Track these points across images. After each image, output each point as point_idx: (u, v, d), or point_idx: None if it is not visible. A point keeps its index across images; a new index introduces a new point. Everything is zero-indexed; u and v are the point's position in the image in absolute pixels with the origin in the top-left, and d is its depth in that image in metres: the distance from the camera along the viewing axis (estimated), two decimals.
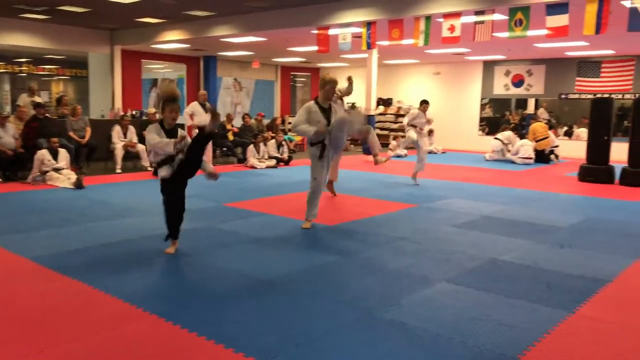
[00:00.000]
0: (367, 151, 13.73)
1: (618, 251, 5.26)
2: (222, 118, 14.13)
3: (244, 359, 2.92)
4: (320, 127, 5.63)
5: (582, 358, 3.01)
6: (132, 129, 11.09)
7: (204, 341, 3.12)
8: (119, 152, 10.70)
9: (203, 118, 11.01)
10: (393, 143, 15.44)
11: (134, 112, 14.03)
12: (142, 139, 11.21)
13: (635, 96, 14.07)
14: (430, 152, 16.00)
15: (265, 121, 15.16)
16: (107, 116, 14.23)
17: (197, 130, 11.36)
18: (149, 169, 10.62)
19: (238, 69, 19.44)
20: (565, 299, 3.93)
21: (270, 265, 4.63)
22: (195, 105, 11.27)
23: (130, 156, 11.09)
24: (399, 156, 14.86)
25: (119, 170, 10.54)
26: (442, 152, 16.04)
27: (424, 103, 9.68)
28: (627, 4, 7.48)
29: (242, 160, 12.29)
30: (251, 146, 11.97)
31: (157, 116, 12.52)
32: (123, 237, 5.50)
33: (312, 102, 5.87)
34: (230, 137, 13.09)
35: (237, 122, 14.71)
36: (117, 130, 10.93)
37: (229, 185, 9.08)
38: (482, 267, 4.67)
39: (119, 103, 15.17)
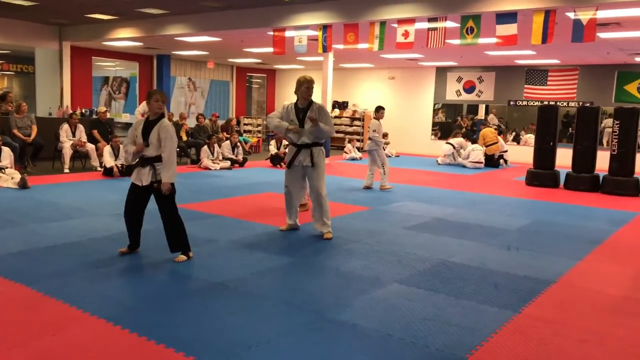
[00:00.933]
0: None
1: (562, 253, 5.47)
2: (175, 118, 13.93)
3: None
4: (291, 126, 5.61)
5: (527, 356, 3.11)
6: (81, 128, 10.77)
7: (153, 345, 3.06)
8: (67, 152, 10.37)
9: None
10: (348, 146, 15.57)
11: (83, 111, 13.63)
12: (91, 138, 10.92)
13: (579, 104, 14.69)
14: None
15: (220, 122, 15.01)
16: (55, 114, 13.76)
17: None
18: (99, 169, 10.34)
19: (192, 69, 19.17)
20: (511, 299, 4.05)
21: (223, 267, 4.58)
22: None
23: (79, 155, 10.77)
24: (353, 159, 14.99)
25: (67, 170, 10.21)
26: (396, 156, 16.27)
27: (381, 109, 9.46)
28: (571, 16, 7.80)
29: (196, 161, 12.12)
30: (205, 147, 11.82)
31: (108, 114, 12.21)
32: (70, 238, 5.33)
33: (291, 103, 5.81)
34: (184, 137, 12.89)
35: (191, 123, 14.52)
36: (65, 128, 10.59)
37: (181, 187, 8.86)
38: (433, 268, 4.76)
39: (67, 100, 14.69)
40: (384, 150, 9.63)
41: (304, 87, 5.58)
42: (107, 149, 9.95)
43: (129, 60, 17.62)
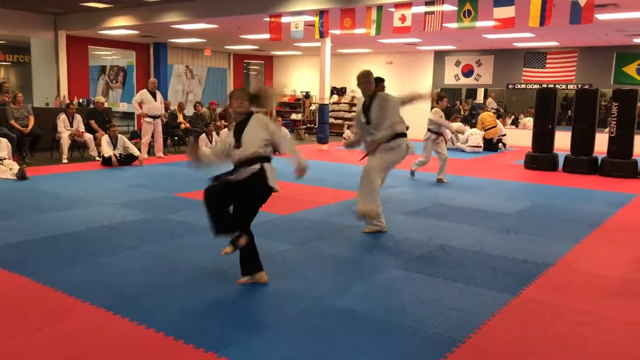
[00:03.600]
0: (322, 140, 13.77)
1: (560, 236, 5.48)
2: (173, 107, 13.90)
3: (195, 350, 2.89)
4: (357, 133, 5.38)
5: (524, 339, 3.13)
6: (78, 118, 10.74)
7: (153, 333, 3.08)
8: (65, 142, 10.35)
9: (152, 106, 10.77)
10: (347, 132, 15.53)
11: (80, 100, 13.58)
12: (89, 128, 10.89)
13: (577, 87, 14.64)
14: None
15: (218, 110, 14.95)
16: (52, 104, 13.71)
17: (146, 119, 11.12)
18: (97, 158, 10.33)
19: (189, 56, 19.06)
20: (510, 282, 4.07)
21: (221, 255, 4.58)
22: (144, 93, 10.99)
23: (78, 146, 10.75)
24: None
25: (65, 161, 10.20)
26: None
27: (442, 99, 8.92)
28: None
29: None
30: (203, 135, 11.78)
31: (105, 104, 12.17)
32: (69, 229, 5.33)
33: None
34: (184, 125, 12.86)
35: (189, 111, 14.47)
36: (62, 119, 10.56)
37: (180, 175, 8.94)
38: (432, 253, 4.78)
39: (64, 90, 14.64)
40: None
41: (363, 80, 5.20)
42: (104, 139, 9.93)
43: (125, 49, 17.52)
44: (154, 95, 10.90)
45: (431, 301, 3.65)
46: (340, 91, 19.10)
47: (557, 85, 14.96)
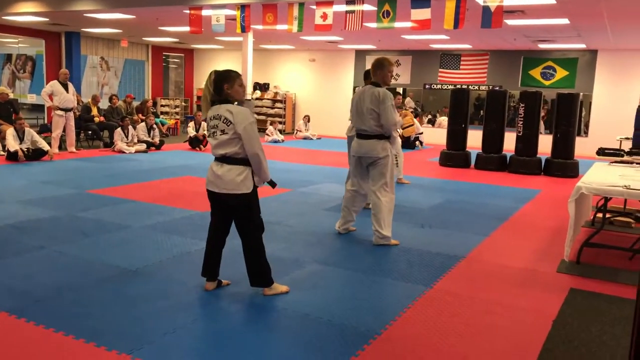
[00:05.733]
0: None
1: (471, 230, 5.76)
2: (87, 99, 13.25)
3: (107, 352, 2.79)
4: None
5: (437, 329, 3.27)
6: None
7: (62, 337, 2.93)
8: None
9: (64, 98, 10.23)
10: (270, 128, 15.48)
11: None
12: None
13: (488, 88, 15.41)
14: (305, 138, 16.31)
15: (135, 103, 14.44)
16: None
17: (57, 112, 10.55)
18: (2, 153, 9.67)
19: (105, 47, 18.24)
20: (424, 275, 4.23)
21: (137, 254, 4.45)
22: (55, 85, 10.42)
23: None
24: (275, 141, 14.95)
25: None
26: (318, 138, 16.38)
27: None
28: (481, 2, 8.12)
29: (109, 144, 11.62)
30: (119, 129, 11.34)
31: (11, 95, 11.41)
32: None
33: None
34: (97, 119, 12.31)
35: (104, 104, 13.88)
36: None
37: (93, 171, 8.56)
38: (351, 247, 4.87)
39: None
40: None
41: (390, 68, 5.55)
42: (9, 132, 9.31)
43: (33, 36, 16.47)
44: (65, 87, 10.36)
45: (349, 295, 3.73)
46: (263, 87, 18.99)
47: (470, 86, 15.68)
